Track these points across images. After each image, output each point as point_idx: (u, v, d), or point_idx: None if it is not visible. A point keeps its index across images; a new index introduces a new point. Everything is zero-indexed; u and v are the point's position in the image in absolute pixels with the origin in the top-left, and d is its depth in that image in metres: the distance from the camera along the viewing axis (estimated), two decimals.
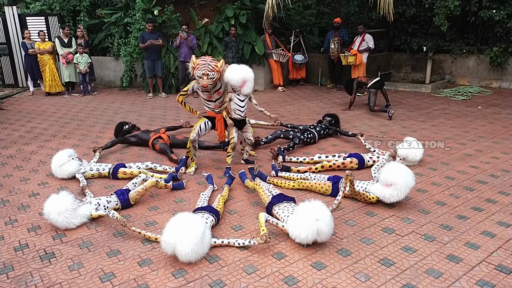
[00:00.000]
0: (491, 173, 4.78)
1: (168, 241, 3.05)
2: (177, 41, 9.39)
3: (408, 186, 3.83)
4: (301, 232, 3.19)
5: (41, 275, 3.01)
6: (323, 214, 3.18)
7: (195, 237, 3.02)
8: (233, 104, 4.93)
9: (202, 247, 3.11)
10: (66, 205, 3.58)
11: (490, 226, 3.58)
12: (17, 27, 10.96)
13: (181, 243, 3.00)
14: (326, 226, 3.17)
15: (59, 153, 4.84)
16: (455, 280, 2.86)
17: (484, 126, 6.79)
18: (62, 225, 3.59)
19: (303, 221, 3.19)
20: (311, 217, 3.16)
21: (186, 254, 3.01)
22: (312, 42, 11.77)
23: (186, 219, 3.12)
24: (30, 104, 9.49)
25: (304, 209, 3.23)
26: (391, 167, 3.93)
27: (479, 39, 10.44)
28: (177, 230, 3.05)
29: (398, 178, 3.80)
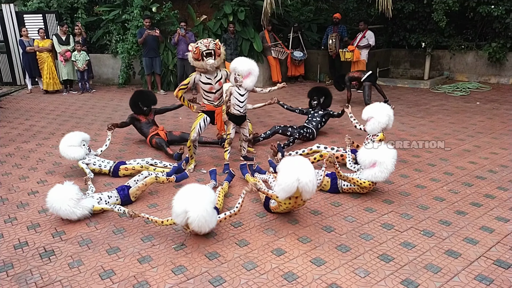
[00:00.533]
0: (489, 168, 4.79)
1: (178, 211, 3.14)
2: (175, 38, 9.37)
3: (391, 156, 3.91)
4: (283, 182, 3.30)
5: (41, 272, 3.01)
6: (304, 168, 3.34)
7: (208, 205, 3.15)
8: (232, 98, 4.94)
9: (213, 220, 3.22)
10: (71, 194, 3.62)
11: (488, 221, 3.59)
12: (15, 25, 10.91)
13: (194, 211, 3.09)
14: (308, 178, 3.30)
15: (74, 133, 4.79)
16: (454, 275, 2.87)
17: (482, 122, 6.79)
18: (65, 214, 3.61)
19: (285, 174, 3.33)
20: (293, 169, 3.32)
21: (199, 222, 3.10)
22: (311, 39, 11.75)
23: (196, 188, 3.23)
24: (28, 102, 9.47)
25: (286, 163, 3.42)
26: (364, 151, 4.04)
27: (477, 34, 10.44)
28: (189, 197, 3.15)
29: (377, 154, 3.90)
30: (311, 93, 6.34)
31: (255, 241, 3.37)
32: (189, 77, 4.82)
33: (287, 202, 3.50)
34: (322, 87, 6.46)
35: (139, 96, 5.90)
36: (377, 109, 4.89)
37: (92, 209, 3.75)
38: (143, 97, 5.91)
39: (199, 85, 4.82)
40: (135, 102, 5.86)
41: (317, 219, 3.72)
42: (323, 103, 6.26)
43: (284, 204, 3.53)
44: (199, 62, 4.60)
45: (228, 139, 4.88)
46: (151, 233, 3.53)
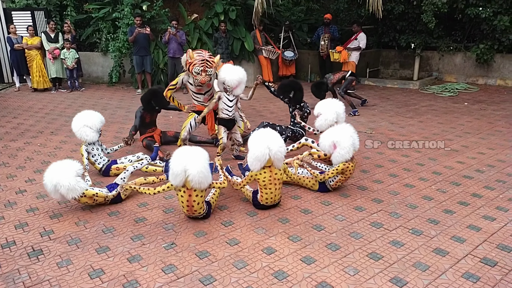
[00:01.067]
0: (477, 168, 4.86)
1: (177, 171, 3.34)
2: (166, 37, 9.32)
3: (347, 133, 4.04)
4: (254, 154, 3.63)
5: (29, 272, 2.98)
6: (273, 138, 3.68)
7: (204, 162, 3.42)
8: (221, 103, 4.88)
9: (209, 176, 3.47)
10: (75, 170, 3.66)
11: (475, 220, 3.65)
12: (2, 22, 10.75)
13: (193, 168, 3.33)
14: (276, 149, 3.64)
15: (95, 114, 4.69)
16: (442, 273, 2.91)
17: (470, 122, 6.89)
18: (65, 190, 3.59)
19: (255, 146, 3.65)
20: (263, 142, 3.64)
21: (198, 178, 3.34)
22: (302, 39, 11.79)
23: (192, 149, 3.48)
24: (16, 100, 9.34)
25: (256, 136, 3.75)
26: (322, 136, 4.21)
27: (466, 36, 10.58)
28: (186, 157, 3.39)
29: (333, 135, 4.06)
30: (279, 92, 5.85)
31: (246, 240, 3.37)
32: (177, 77, 4.81)
33: (263, 174, 3.70)
34: (289, 82, 5.94)
35: (153, 95, 5.58)
36: (327, 106, 4.88)
37: (84, 192, 3.72)
38: (157, 96, 5.54)
39: (188, 86, 4.82)
40: (148, 100, 5.57)
41: (307, 218, 3.74)
42: (294, 98, 5.78)
43: (262, 176, 3.71)
44: (190, 75, 4.63)
45: (221, 145, 4.85)
46: (141, 232, 3.51)
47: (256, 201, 3.86)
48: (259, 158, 3.62)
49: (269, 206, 3.86)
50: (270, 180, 3.73)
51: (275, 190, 3.78)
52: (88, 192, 3.76)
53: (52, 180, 3.60)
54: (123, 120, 7.35)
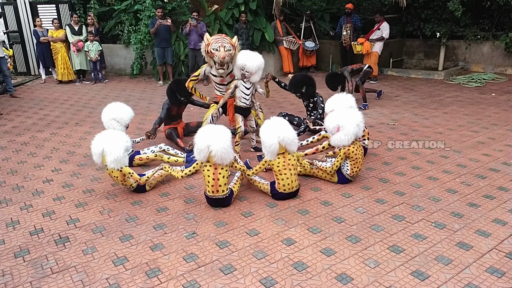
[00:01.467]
0: (504, 161, 4.72)
1: (203, 143, 3.59)
2: (187, 29, 9.36)
3: (354, 119, 4.05)
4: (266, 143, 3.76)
5: (56, 258, 3.09)
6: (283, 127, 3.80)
7: (227, 136, 3.66)
8: (238, 91, 4.87)
9: (230, 150, 3.67)
10: (126, 144, 3.91)
11: (501, 214, 3.56)
12: (29, 15, 11.02)
13: (216, 143, 3.57)
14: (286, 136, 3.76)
15: (125, 108, 4.85)
16: (465, 267, 2.86)
17: (497, 114, 6.68)
18: (111, 158, 3.77)
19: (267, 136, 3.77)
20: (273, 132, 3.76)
21: (221, 149, 3.56)
22: (323, 29, 11.63)
23: (215, 127, 3.73)
24: (42, 91, 9.60)
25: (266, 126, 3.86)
26: (329, 117, 4.22)
27: (494, 24, 10.20)
28: (210, 134, 3.62)
29: (340, 119, 4.06)
30: (290, 88, 5.70)
31: (266, 230, 3.39)
32: (200, 68, 4.83)
33: (277, 160, 3.81)
34: (300, 77, 5.78)
35: (176, 85, 5.39)
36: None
37: (123, 168, 3.86)
38: (180, 86, 5.32)
39: (210, 77, 4.83)
40: (172, 91, 5.39)
41: (327, 209, 3.72)
42: (306, 93, 5.66)
43: (276, 162, 3.81)
44: (210, 59, 4.64)
45: (239, 133, 4.86)
46: (163, 221, 3.58)
47: (274, 190, 3.86)
48: (271, 148, 3.75)
49: (288, 196, 3.86)
50: (284, 165, 3.81)
51: (290, 175, 3.81)
52: (125, 169, 3.88)
53: (103, 145, 3.82)
54: (145, 112, 7.45)
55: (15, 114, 7.51)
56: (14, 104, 8.34)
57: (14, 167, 4.92)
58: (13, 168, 4.89)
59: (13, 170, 4.84)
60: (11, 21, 11.00)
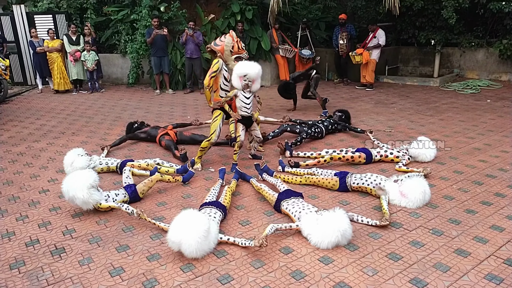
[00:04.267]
0: (500, 167, 4.74)
1: (173, 239, 3.05)
2: (184, 38, 9.41)
3: (417, 204, 3.82)
4: (323, 240, 3.19)
5: (52, 270, 3.06)
6: (345, 227, 3.20)
7: (199, 235, 3.02)
8: (238, 101, 4.89)
9: (208, 244, 3.13)
10: (90, 182, 3.71)
11: (499, 220, 3.56)
12: (25, 26, 11.05)
13: (186, 242, 3.01)
14: (345, 238, 3.23)
15: (68, 153, 4.88)
16: (463, 274, 2.85)
17: (493, 120, 6.72)
18: (80, 202, 3.69)
19: (326, 231, 3.18)
20: (335, 228, 3.16)
21: (191, 253, 3.04)
22: (319, 37, 11.71)
23: (190, 217, 3.10)
24: (39, 101, 9.58)
25: (329, 219, 3.22)
26: (413, 181, 3.88)
27: (488, 31, 10.31)
28: (181, 228, 3.05)
29: (413, 193, 3.80)
30: (337, 111, 6.50)
31: None
32: (213, 64, 4.92)
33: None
34: (345, 110, 6.54)
35: (128, 127, 6.29)
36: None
37: (98, 205, 3.79)
38: (129, 127, 6.31)
39: (219, 75, 4.94)
40: (128, 130, 6.25)
41: None
42: (343, 120, 6.35)
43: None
44: (231, 57, 4.88)
45: (238, 142, 4.86)
46: (160, 231, 3.55)
47: (278, 207, 3.80)
48: (330, 242, 3.19)
49: None
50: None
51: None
52: (102, 206, 3.81)
53: (68, 191, 3.70)
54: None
55: (11, 124, 7.49)
56: (10, 114, 8.32)
57: (10, 178, 4.89)
58: (9, 179, 4.86)
59: (9, 180, 4.82)
60: (8, 31, 11.02)
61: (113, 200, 3.92)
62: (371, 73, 9.62)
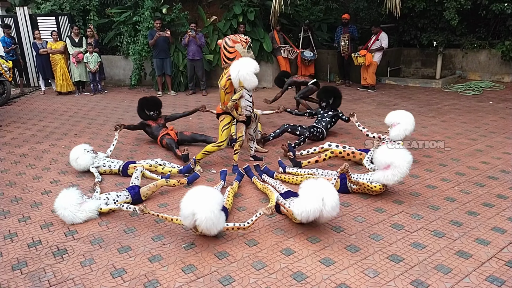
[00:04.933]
0: (502, 168, 4.73)
1: (188, 213, 3.15)
2: (186, 40, 9.44)
3: (406, 160, 3.85)
4: (306, 207, 3.25)
5: (54, 271, 3.07)
6: (329, 192, 3.29)
7: (214, 207, 3.14)
8: (243, 101, 4.91)
9: (221, 222, 3.24)
10: (72, 200, 3.72)
11: (500, 222, 3.55)
12: (28, 27, 11.11)
13: (202, 213, 3.10)
14: (331, 205, 3.25)
15: (74, 147, 4.99)
16: (465, 276, 2.85)
17: (495, 122, 6.70)
18: (68, 219, 3.72)
19: (309, 197, 3.26)
20: (317, 194, 3.24)
21: (207, 223, 3.11)
22: (321, 38, 11.71)
23: (203, 191, 3.23)
24: (42, 103, 9.63)
25: (310, 186, 3.32)
26: (382, 150, 3.98)
27: (490, 33, 10.29)
28: (196, 200, 3.16)
29: (393, 156, 3.84)
30: (320, 95, 6.32)
31: (264, 241, 3.38)
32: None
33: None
34: (331, 88, 6.39)
35: (144, 103, 6.07)
36: (404, 116, 5.00)
37: (99, 210, 3.83)
38: (148, 103, 6.06)
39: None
40: (141, 109, 6.05)
41: None
42: (333, 104, 6.22)
43: (295, 220, 3.54)
44: (246, 51, 4.95)
45: (240, 141, 4.88)
46: (161, 232, 3.57)
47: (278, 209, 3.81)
48: (312, 212, 3.26)
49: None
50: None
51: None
52: (103, 209, 3.86)
53: (59, 212, 3.75)
54: None
55: (14, 126, 7.52)
56: (13, 115, 8.36)
57: (13, 179, 4.92)
58: (11, 180, 4.88)
59: (11, 182, 4.84)
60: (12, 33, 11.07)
61: (114, 201, 3.93)
62: (371, 75, 9.62)
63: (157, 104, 6.11)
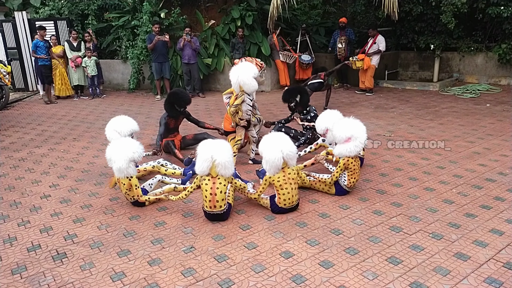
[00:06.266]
0: (499, 171, 4.76)
1: (207, 156, 3.61)
2: (181, 44, 9.48)
3: (364, 130, 4.08)
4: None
5: (53, 274, 3.07)
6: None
7: (229, 149, 3.73)
8: (244, 105, 4.97)
9: (232, 163, 3.72)
10: (133, 155, 3.94)
11: (498, 224, 3.57)
12: (27, 32, 11.13)
13: (220, 154, 3.62)
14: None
15: (127, 120, 5.00)
16: (463, 277, 2.86)
17: (492, 124, 6.74)
18: (115, 167, 3.88)
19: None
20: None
21: (225, 162, 3.61)
22: (319, 42, 11.77)
23: (217, 140, 3.80)
24: (40, 107, 9.63)
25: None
26: (339, 127, 4.14)
27: (487, 36, 10.36)
28: (214, 145, 3.68)
29: (353, 129, 4.04)
30: (284, 97, 5.85)
31: (264, 243, 3.39)
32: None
33: (277, 175, 3.80)
34: (293, 88, 6.03)
35: (174, 97, 5.55)
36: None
37: (131, 179, 3.95)
38: (178, 98, 5.54)
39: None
40: (171, 103, 5.52)
41: (325, 222, 3.73)
42: (301, 102, 5.73)
43: (276, 177, 3.80)
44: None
45: (238, 144, 4.93)
46: (161, 236, 3.57)
47: (274, 205, 3.86)
48: (274, 163, 3.73)
49: (288, 210, 3.87)
50: (285, 179, 3.80)
51: (291, 190, 3.81)
52: (133, 180, 3.96)
53: (112, 153, 3.92)
54: (143, 126, 7.47)
55: (12, 130, 7.52)
56: (12, 120, 8.37)
57: (12, 183, 4.92)
58: (10, 184, 4.89)
59: (10, 186, 4.84)
60: (10, 38, 11.09)
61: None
62: (370, 79, 9.66)
63: (187, 100, 5.60)
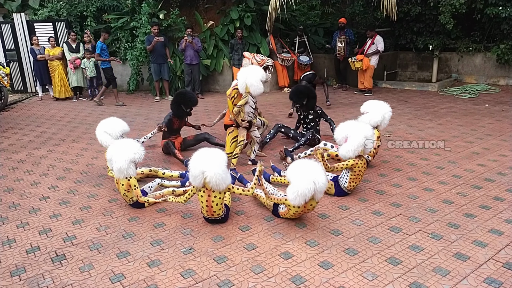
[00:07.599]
0: (498, 171, 4.76)
1: (197, 171, 3.44)
2: (182, 45, 9.47)
3: (362, 131, 4.04)
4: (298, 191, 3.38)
5: (52, 276, 3.07)
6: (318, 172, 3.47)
7: (222, 165, 3.49)
8: (247, 107, 5.01)
9: (226, 175, 3.52)
10: (133, 155, 3.91)
11: (497, 224, 3.57)
12: (26, 34, 11.11)
13: (210, 168, 3.42)
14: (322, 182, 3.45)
15: (116, 121, 4.90)
16: (463, 278, 2.86)
17: (491, 124, 6.75)
18: (116, 168, 3.85)
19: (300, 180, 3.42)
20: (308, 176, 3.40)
21: (216, 179, 3.41)
22: (317, 43, 11.78)
23: (209, 151, 3.57)
24: (39, 109, 9.62)
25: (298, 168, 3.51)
26: (339, 128, 4.20)
27: (485, 36, 10.38)
28: (204, 159, 3.48)
29: (348, 129, 4.09)
30: (292, 98, 5.83)
31: (263, 244, 3.39)
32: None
33: (297, 207, 3.53)
34: (301, 89, 5.85)
35: (182, 98, 5.58)
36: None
37: (130, 180, 3.93)
38: (185, 98, 5.58)
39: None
40: (178, 104, 5.56)
41: (324, 222, 3.73)
42: (307, 105, 5.72)
43: (294, 208, 3.56)
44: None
45: (241, 145, 4.95)
46: (160, 237, 3.57)
47: (276, 212, 3.83)
48: (304, 194, 3.37)
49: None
50: (302, 211, 3.64)
51: (301, 212, 3.67)
52: (132, 180, 3.94)
53: (111, 154, 3.94)
54: (142, 127, 7.48)
55: (11, 132, 7.51)
56: (10, 121, 8.35)
57: (11, 185, 4.91)
58: (9, 186, 4.88)
59: (9, 188, 4.83)
60: (8, 39, 11.08)
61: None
62: (369, 79, 9.67)
63: (195, 101, 5.66)
